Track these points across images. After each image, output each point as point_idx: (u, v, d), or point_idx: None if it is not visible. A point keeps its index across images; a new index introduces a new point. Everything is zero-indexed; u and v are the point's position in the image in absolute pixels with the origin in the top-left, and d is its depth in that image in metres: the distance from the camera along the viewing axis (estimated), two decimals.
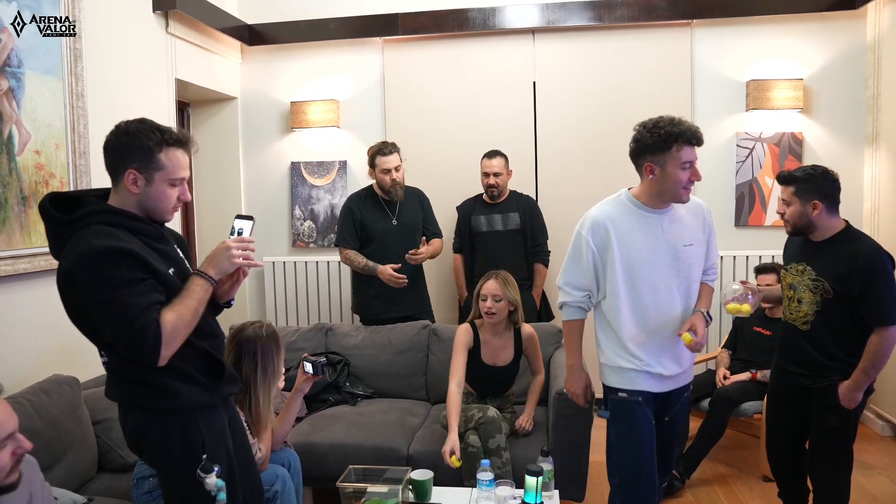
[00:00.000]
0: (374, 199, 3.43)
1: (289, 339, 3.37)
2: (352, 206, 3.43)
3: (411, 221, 3.42)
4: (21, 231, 2.48)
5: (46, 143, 2.60)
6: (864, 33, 3.79)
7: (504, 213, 3.62)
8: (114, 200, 1.59)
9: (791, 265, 2.35)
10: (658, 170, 1.98)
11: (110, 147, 1.57)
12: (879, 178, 3.70)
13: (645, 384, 2.06)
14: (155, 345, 1.44)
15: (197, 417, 1.61)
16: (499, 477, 2.37)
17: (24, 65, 2.48)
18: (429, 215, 3.55)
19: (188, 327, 1.52)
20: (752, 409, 3.11)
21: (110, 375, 1.62)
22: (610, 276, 2.04)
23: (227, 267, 1.60)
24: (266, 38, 4.23)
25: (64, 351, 2.63)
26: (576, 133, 4.08)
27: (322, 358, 2.09)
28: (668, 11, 3.88)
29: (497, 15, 4.01)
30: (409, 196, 3.48)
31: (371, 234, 3.38)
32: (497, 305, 2.68)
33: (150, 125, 1.58)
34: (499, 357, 2.75)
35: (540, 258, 3.68)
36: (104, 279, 1.44)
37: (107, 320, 1.45)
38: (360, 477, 2.27)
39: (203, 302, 1.56)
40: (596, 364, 2.19)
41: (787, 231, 2.34)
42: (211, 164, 4.38)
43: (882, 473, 3.11)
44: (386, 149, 3.30)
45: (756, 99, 3.82)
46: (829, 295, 2.18)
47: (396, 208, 3.41)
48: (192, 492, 1.57)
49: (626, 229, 2.04)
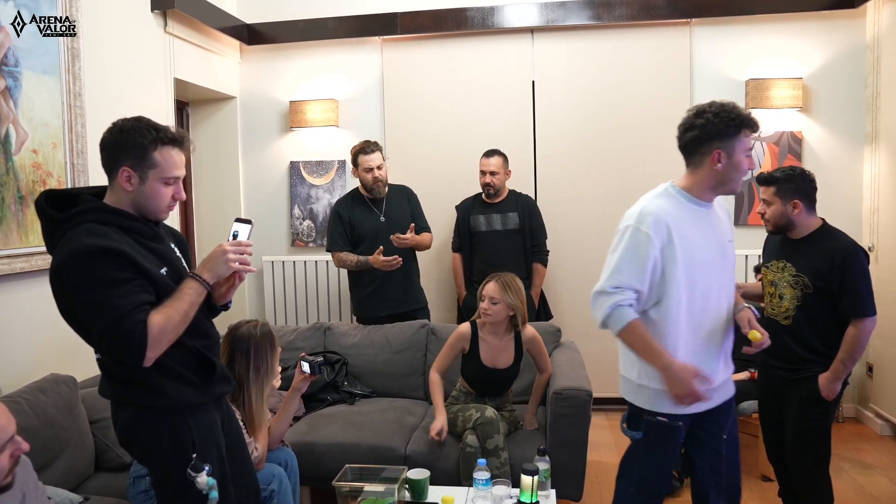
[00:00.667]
0: (359, 199, 3.46)
1: (287, 338, 3.37)
2: (339, 209, 3.47)
3: (400, 218, 3.43)
4: (18, 230, 2.48)
5: (44, 142, 2.60)
6: (863, 32, 3.78)
7: (503, 212, 3.62)
8: (109, 198, 1.59)
9: (772, 263, 2.41)
10: (725, 157, 1.81)
11: (106, 144, 1.58)
12: (879, 178, 3.69)
13: (692, 407, 1.86)
14: (140, 345, 1.44)
15: (187, 416, 1.61)
16: (497, 477, 2.36)
17: (21, 64, 2.48)
18: (417, 210, 3.56)
19: (176, 330, 1.52)
20: (750, 408, 3.11)
21: (103, 373, 1.63)
22: (669, 279, 1.82)
23: (222, 271, 1.60)
24: (265, 38, 4.23)
25: (61, 350, 2.63)
26: (575, 132, 4.07)
27: (319, 357, 2.09)
28: (668, 10, 3.87)
29: (496, 14, 4.00)
30: (396, 193, 3.50)
31: (361, 233, 3.41)
32: (493, 308, 2.66)
33: (146, 123, 1.58)
34: (498, 359, 2.74)
35: (539, 258, 3.68)
36: (92, 278, 1.44)
37: (94, 319, 1.45)
38: (356, 476, 2.27)
39: (195, 305, 1.56)
40: (600, 370, 2.14)
41: (768, 230, 2.40)
42: (210, 164, 4.38)
43: (881, 473, 3.11)
44: (368, 147, 3.35)
45: (755, 98, 3.81)
46: (809, 290, 2.25)
47: (383, 206, 3.44)
48: (183, 490, 1.58)
49: (686, 227, 1.84)
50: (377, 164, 3.34)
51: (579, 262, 4.09)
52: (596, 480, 3.13)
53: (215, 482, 1.57)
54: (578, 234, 4.10)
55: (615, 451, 3.52)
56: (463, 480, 2.50)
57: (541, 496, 2.10)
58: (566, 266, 4.09)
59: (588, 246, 4.09)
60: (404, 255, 3.31)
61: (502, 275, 2.73)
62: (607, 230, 4.00)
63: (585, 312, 4.02)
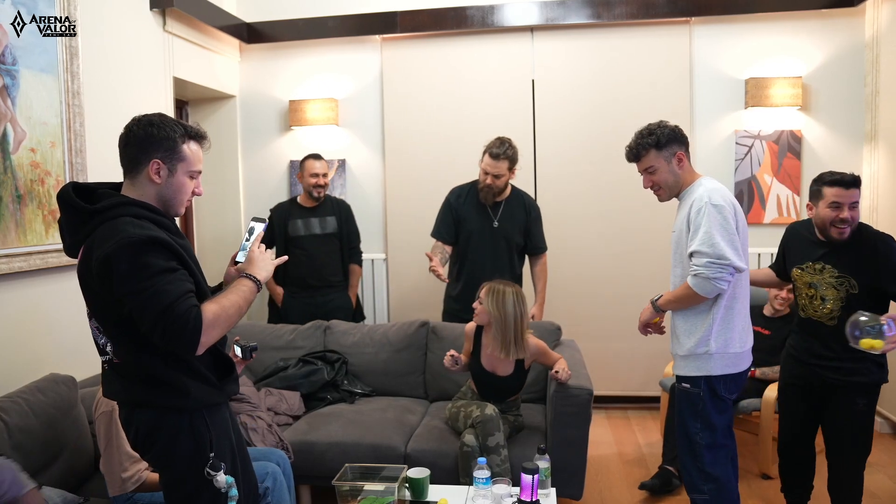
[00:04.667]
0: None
1: (287, 337, 3.37)
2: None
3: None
4: (16, 230, 2.48)
5: (42, 140, 2.59)
6: (862, 31, 3.78)
7: (321, 216, 3.69)
8: (131, 193, 1.58)
9: (806, 264, 2.40)
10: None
11: (133, 138, 1.57)
12: (878, 176, 3.69)
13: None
14: (195, 330, 1.44)
15: (205, 415, 1.60)
16: (498, 475, 2.37)
17: (18, 62, 2.48)
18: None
19: (229, 321, 1.53)
20: (750, 406, 3.11)
21: (116, 374, 1.59)
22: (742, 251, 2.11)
23: (270, 268, 1.69)
24: (265, 37, 4.22)
25: (60, 350, 2.62)
26: (574, 131, 4.07)
27: (253, 343, 2.06)
28: (667, 9, 3.87)
29: (496, 13, 4.00)
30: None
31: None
32: (479, 307, 2.69)
33: (171, 119, 1.61)
34: (497, 367, 2.71)
35: (354, 259, 3.80)
36: (142, 267, 1.43)
37: (145, 307, 1.43)
38: (356, 475, 2.27)
39: (248, 302, 1.60)
40: (601, 368, 2.17)
41: (846, 236, 2.29)
42: (210, 163, 4.34)
43: (881, 471, 3.11)
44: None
45: (755, 97, 3.81)
46: (854, 291, 2.27)
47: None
48: (197, 492, 1.57)
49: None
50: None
51: (579, 260, 4.09)
52: (596, 479, 3.13)
53: (233, 480, 1.56)
54: (578, 232, 4.09)
55: (616, 449, 3.53)
56: (461, 478, 2.50)
57: (541, 495, 2.10)
58: (566, 264, 4.09)
59: (588, 244, 4.09)
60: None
61: (499, 281, 2.71)
62: (607, 228, 4.09)
63: (586, 310, 4.08)
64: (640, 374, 4.06)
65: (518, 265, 3.39)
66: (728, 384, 2.15)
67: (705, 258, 2.02)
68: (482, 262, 3.26)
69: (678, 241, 2.18)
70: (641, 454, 3.46)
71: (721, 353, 2.11)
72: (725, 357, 2.12)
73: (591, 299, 4.10)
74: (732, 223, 2.05)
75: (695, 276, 2.05)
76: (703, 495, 2.18)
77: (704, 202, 2.06)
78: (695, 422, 2.16)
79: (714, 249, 2.01)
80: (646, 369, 4.00)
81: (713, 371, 2.12)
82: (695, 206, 2.08)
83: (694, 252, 2.06)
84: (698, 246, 2.04)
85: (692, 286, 2.06)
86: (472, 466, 2.40)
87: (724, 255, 2.01)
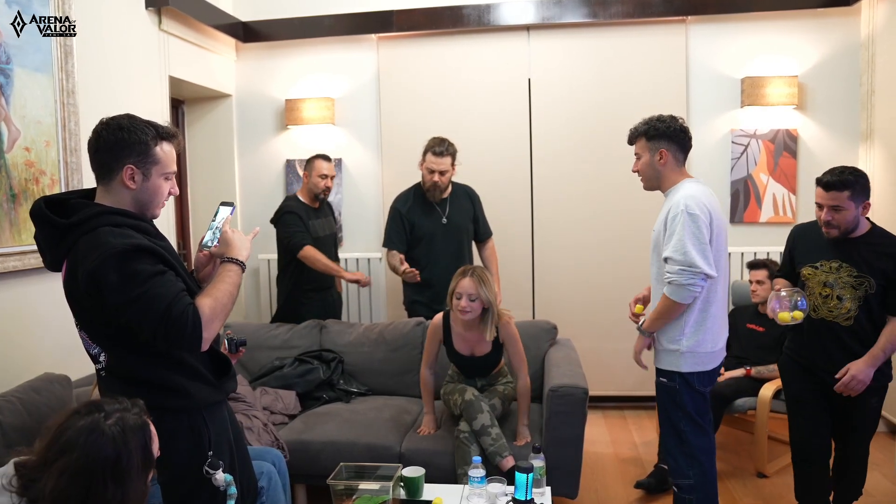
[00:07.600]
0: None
1: (283, 336, 3.37)
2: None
3: None
4: (11, 229, 2.47)
5: (37, 140, 2.59)
6: (858, 30, 3.79)
7: (324, 217, 3.71)
8: (105, 200, 1.55)
9: (821, 263, 2.36)
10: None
11: (103, 144, 1.52)
12: (873, 175, 3.69)
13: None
14: (196, 328, 1.43)
15: (203, 414, 1.60)
16: (494, 454, 2.46)
17: (12, 61, 2.47)
18: None
19: (225, 310, 1.52)
20: (745, 405, 3.11)
21: (114, 379, 1.57)
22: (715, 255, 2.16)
23: (250, 248, 1.66)
24: (261, 36, 4.22)
25: (55, 349, 2.62)
26: (571, 130, 4.07)
27: (241, 337, 2.06)
28: (663, 8, 3.87)
29: (492, 12, 4.00)
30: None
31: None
32: (472, 305, 2.57)
33: (141, 120, 1.56)
34: (475, 348, 2.73)
35: None
36: (132, 275, 1.42)
37: (144, 314, 1.42)
38: (351, 474, 2.27)
39: (238, 286, 1.58)
40: (596, 367, 2.19)
41: (832, 236, 2.31)
42: (206, 162, 4.37)
43: (877, 469, 3.11)
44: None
45: (751, 96, 3.81)
46: (872, 290, 2.26)
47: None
48: (195, 491, 1.56)
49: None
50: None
51: (576, 259, 4.09)
52: (591, 478, 3.14)
53: (232, 478, 1.56)
54: (574, 231, 4.09)
55: (611, 448, 3.53)
56: (458, 467, 2.51)
57: (536, 494, 2.10)
58: (562, 263, 4.09)
59: (584, 243, 4.09)
60: None
61: (473, 268, 2.65)
62: (603, 227, 4.09)
63: (581, 310, 4.08)
64: (636, 373, 4.02)
65: (471, 255, 3.56)
66: (702, 378, 2.23)
67: (677, 265, 2.10)
68: (440, 260, 3.35)
69: (656, 241, 2.25)
70: (637, 453, 3.46)
71: (692, 352, 2.20)
72: (696, 356, 2.20)
73: (587, 299, 4.10)
74: (706, 232, 2.11)
75: (669, 284, 2.13)
76: (689, 480, 2.22)
77: (680, 209, 2.12)
78: (676, 411, 2.25)
79: (685, 257, 2.08)
80: (642, 369, 3.99)
81: (683, 368, 2.21)
82: (672, 211, 2.15)
83: (667, 258, 2.14)
84: (671, 253, 2.12)
85: (668, 294, 2.14)
86: (468, 454, 2.46)
87: (694, 264, 2.08)
